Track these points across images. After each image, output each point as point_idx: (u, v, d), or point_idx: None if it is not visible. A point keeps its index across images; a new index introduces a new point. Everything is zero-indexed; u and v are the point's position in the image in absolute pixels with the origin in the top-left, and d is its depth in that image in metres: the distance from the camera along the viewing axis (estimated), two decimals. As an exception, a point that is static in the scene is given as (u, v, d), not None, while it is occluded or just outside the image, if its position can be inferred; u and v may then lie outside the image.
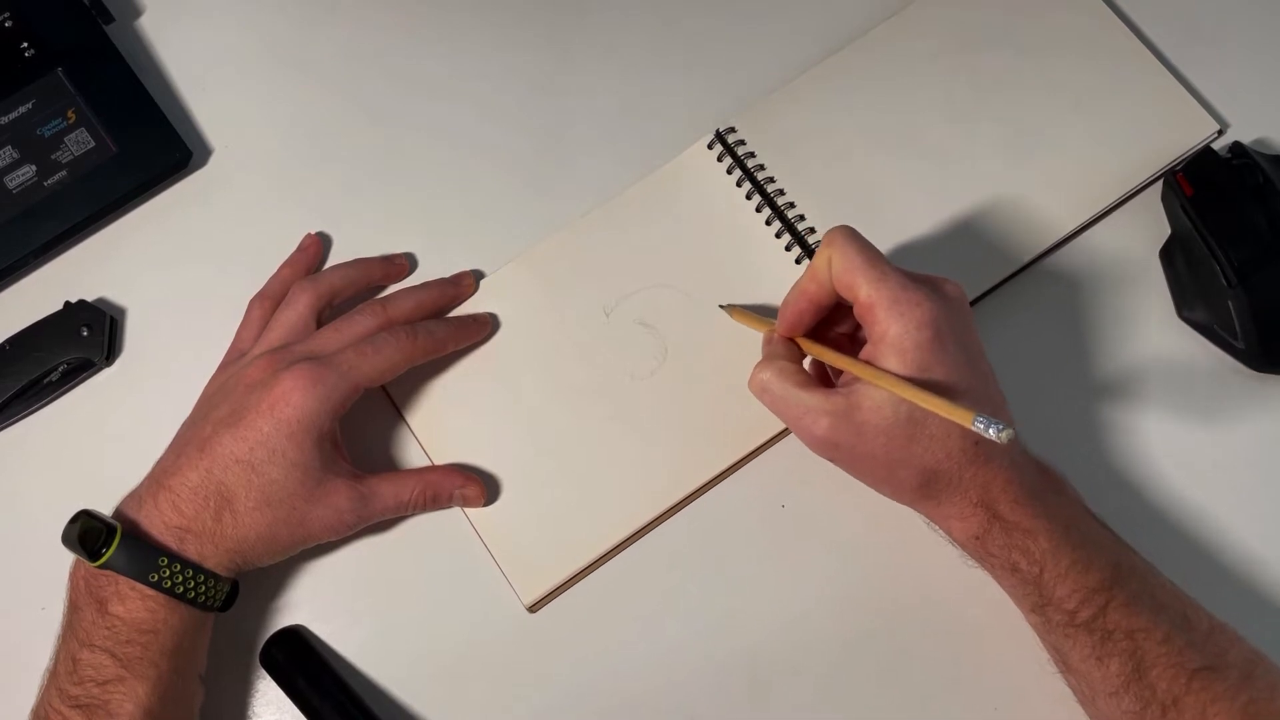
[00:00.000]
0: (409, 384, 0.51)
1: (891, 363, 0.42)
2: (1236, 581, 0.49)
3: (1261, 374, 0.51)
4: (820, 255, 0.44)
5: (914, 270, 0.45)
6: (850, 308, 0.44)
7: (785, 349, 0.47)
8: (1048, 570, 0.42)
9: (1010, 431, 0.37)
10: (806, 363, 0.47)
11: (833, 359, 0.45)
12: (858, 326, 0.46)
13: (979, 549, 0.44)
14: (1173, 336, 0.53)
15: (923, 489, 0.44)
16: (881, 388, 0.42)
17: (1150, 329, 0.53)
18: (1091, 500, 0.46)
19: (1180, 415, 0.52)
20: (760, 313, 0.51)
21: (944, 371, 0.42)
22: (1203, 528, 0.50)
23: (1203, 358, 0.52)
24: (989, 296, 0.53)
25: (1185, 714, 0.39)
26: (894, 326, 0.42)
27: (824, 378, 0.48)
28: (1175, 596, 0.42)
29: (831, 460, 0.45)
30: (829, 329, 0.48)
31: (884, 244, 0.53)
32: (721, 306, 0.52)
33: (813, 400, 0.43)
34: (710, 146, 0.55)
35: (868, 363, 0.43)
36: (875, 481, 0.45)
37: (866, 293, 0.42)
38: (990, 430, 0.37)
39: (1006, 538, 0.43)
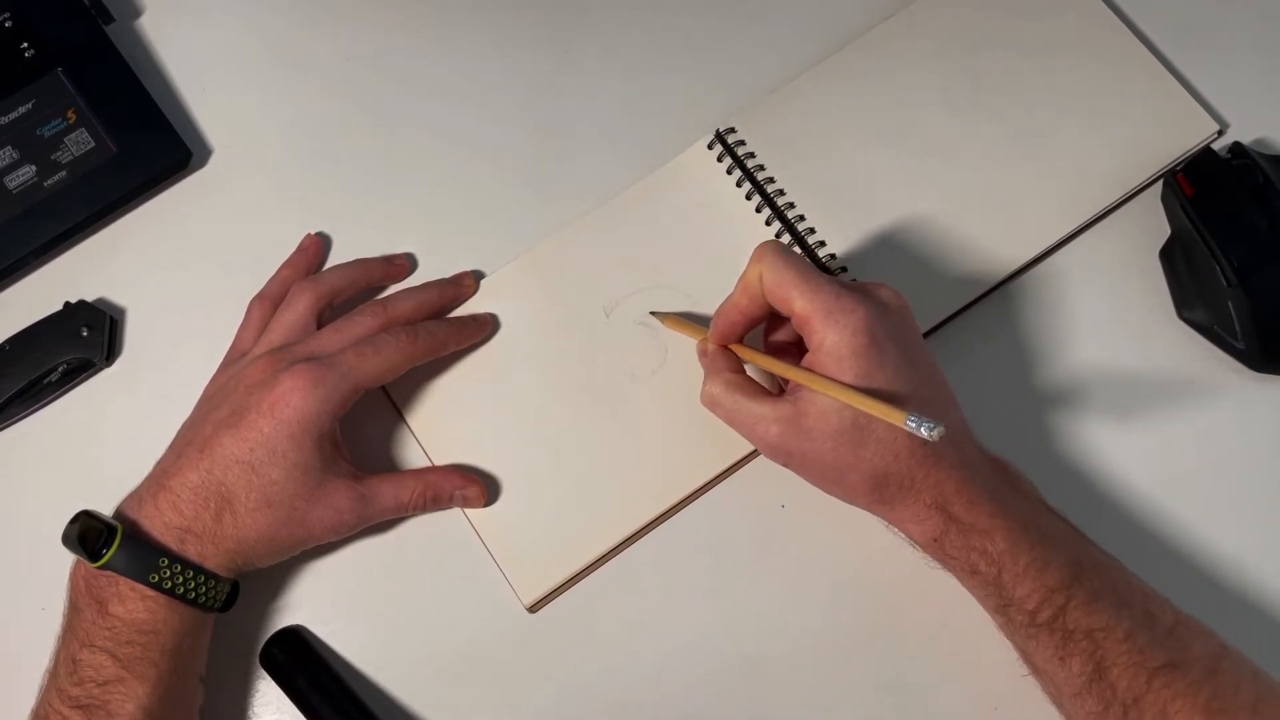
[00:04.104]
0: (409, 384, 0.51)
1: (831, 371, 0.42)
2: (1236, 583, 0.49)
3: (1261, 374, 0.51)
4: (751, 270, 0.44)
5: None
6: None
7: (727, 360, 0.47)
8: (1006, 571, 0.42)
9: (940, 429, 0.37)
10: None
11: (768, 365, 0.45)
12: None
13: (938, 551, 0.44)
14: (1173, 336, 0.53)
15: (875, 492, 0.44)
16: (818, 392, 0.42)
17: (1150, 329, 0.53)
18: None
19: (1180, 415, 0.52)
20: (695, 319, 0.51)
21: (885, 376, 0.42)
22: (1202, 528, 0.50)
23: (1203, 358, 0.52)
24: (989, 297, 0.53)
25: (1146, 713, 0.39)
26: (830, 335, 0.42)
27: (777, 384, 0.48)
28: (1139, 592, 0.42)
29: (786, 466, 0.46)
30: (773, 337, 0.48)
31: (882, 243, 0.53)
32: (652, 313, 0.52)
33: (761, 409, 0.44)
34: (710, 146, 0.55)
35: (805, 368, 0.43)
36: (828, 485, 0.46)
37: (801, 305, 0.43)
38: (922, 429, 0.38)
39: (963, 539, 0.43)
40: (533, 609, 0.49)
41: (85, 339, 0.52)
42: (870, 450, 0.43)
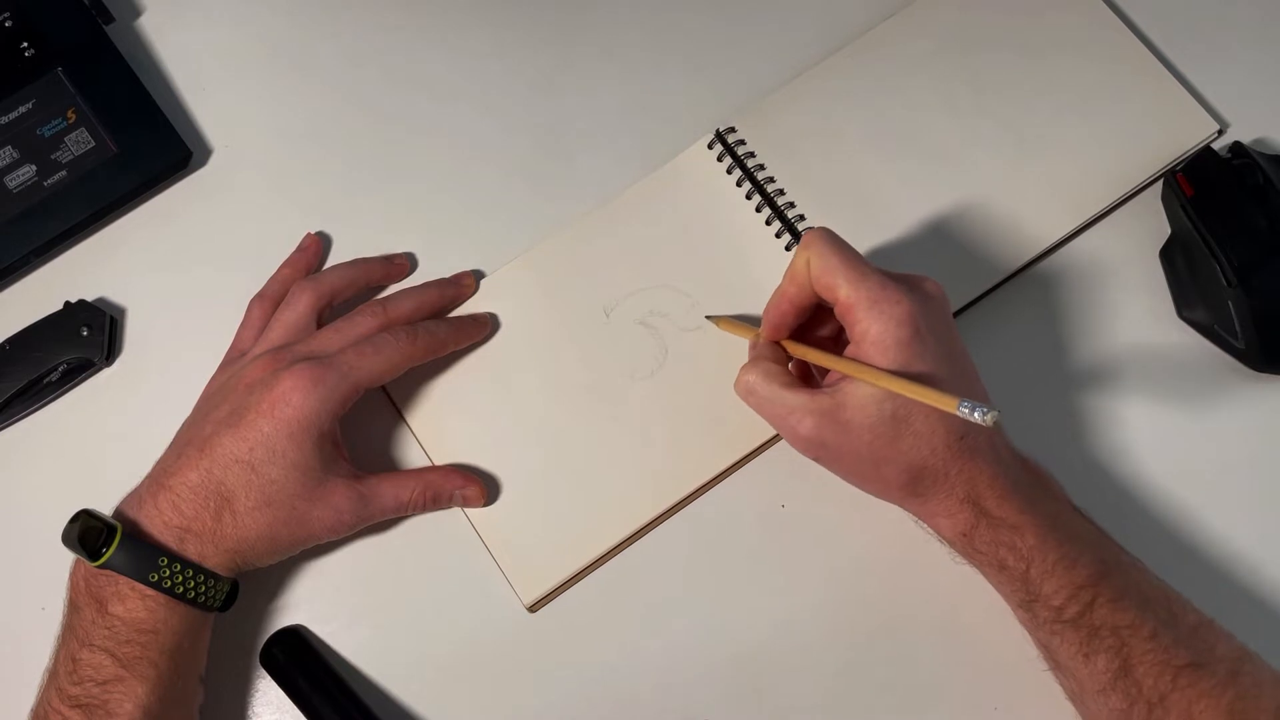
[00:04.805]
0: (409, 384, 0.51)
1: (874, 361, 0.42)
2: (1236, 582, 0.49)
3: (1261, 374, 0.51)
4: (799, 257, 0.44)
5: (906, 269, 0.45)
6: (832, 310, 0.45)
7: (770, 351, 0.47)
8: (1034, 566, 0.42)
9: (995, 413, 0.37)
10: (791, 366, 0.47)
11: (818, 358, 0.45)
12: (840, 329, 0.46)
13: (967, 546, 0.44)
14: (1173, 336, 0.53)
15: (909, 486, 0.44)
16: (867, 383, 0.42)
17: (1150, 329, 0.53)
18: (1090, 500, 0.46)
19: (1180, 415, 0.52)
20: (746, 320, 0.51)
21: (926, 367, 0.42)
22: (1202, 528, 0.50)
23: (1203, 358, 0.52)
24: (988, 297, 0.53)
25: (1171, 711, 0.39)
26: (875, 325, 0.42)
27: (809, 381, 0.48)
28: (1162, 592, 0.42)
29: (817, 460, 0.45)
30: (812, 332, 0.48)
31: (883, 243, 0.53)
32: (708, 318, 0.52)
33: (798, 400, 0.44)
34: (710, 146, 0.55)
35: (852, 358, 0.43)
36: (861, 480, 0.45)
37: (846, 293, 0.42)
38: (975, 414, 0.37)
39: (993, 534, 0.43)
40: (533, 609, 0.49)
41: (85, 339, 0.52)
42: (907, 443, 0.42)
